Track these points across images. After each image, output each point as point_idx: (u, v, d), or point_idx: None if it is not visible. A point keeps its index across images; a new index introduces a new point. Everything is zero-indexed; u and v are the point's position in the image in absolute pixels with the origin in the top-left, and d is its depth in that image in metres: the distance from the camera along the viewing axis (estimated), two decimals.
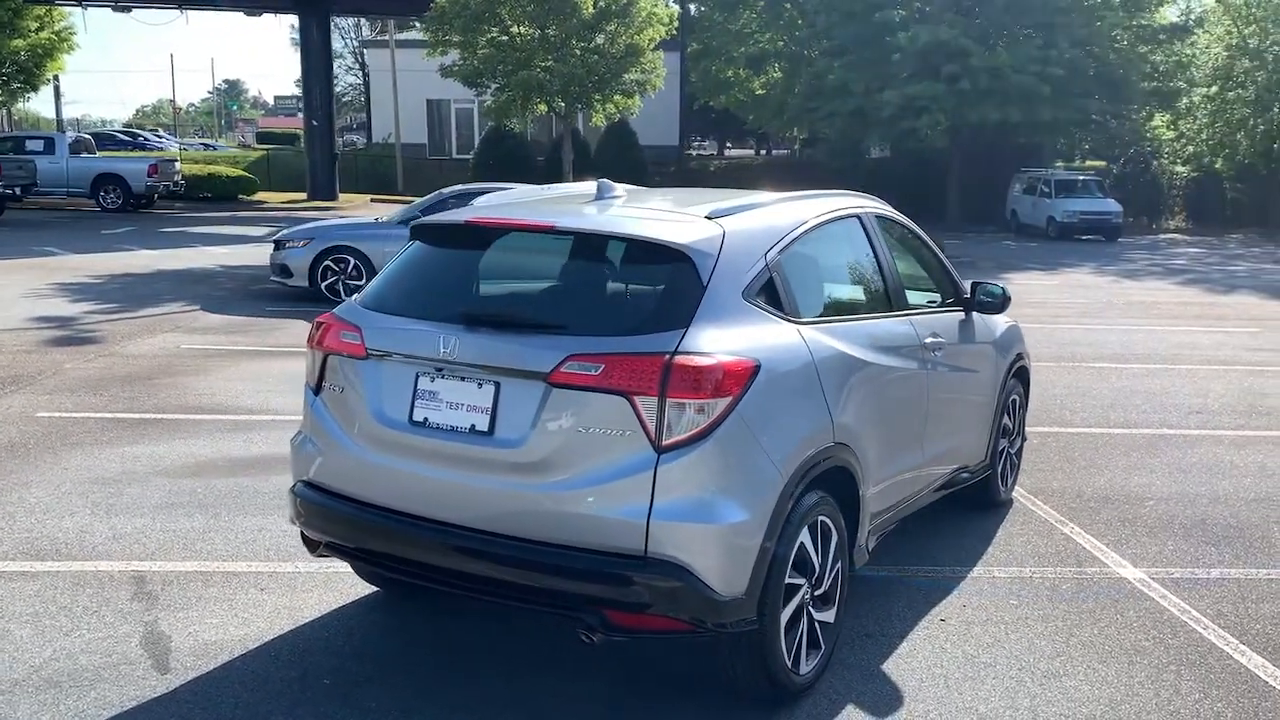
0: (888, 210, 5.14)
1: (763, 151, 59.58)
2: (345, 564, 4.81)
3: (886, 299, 4.71)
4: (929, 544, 5.46)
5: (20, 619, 4.34)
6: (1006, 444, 5.96)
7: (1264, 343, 12.69)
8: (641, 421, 3.30)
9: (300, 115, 46.51)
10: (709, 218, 3.83)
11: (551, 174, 28.65)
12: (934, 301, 5.32)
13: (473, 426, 3.54)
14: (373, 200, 33.70)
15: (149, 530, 5.40)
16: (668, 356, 3.32)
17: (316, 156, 34.43)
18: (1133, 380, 10.06)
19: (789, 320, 3.80)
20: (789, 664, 3.68)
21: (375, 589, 4.71)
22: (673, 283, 3.56)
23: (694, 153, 50.35)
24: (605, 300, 3.76)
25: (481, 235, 3.95)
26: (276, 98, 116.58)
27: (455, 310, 3.70)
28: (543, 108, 26.91)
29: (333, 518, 3.87)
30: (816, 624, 3.83)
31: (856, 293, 4.73)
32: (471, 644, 4.27)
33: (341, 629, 4.38)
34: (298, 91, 55.64)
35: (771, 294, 3.78)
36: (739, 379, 3.38)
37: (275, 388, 8.69)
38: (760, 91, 39.33)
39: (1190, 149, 37.09)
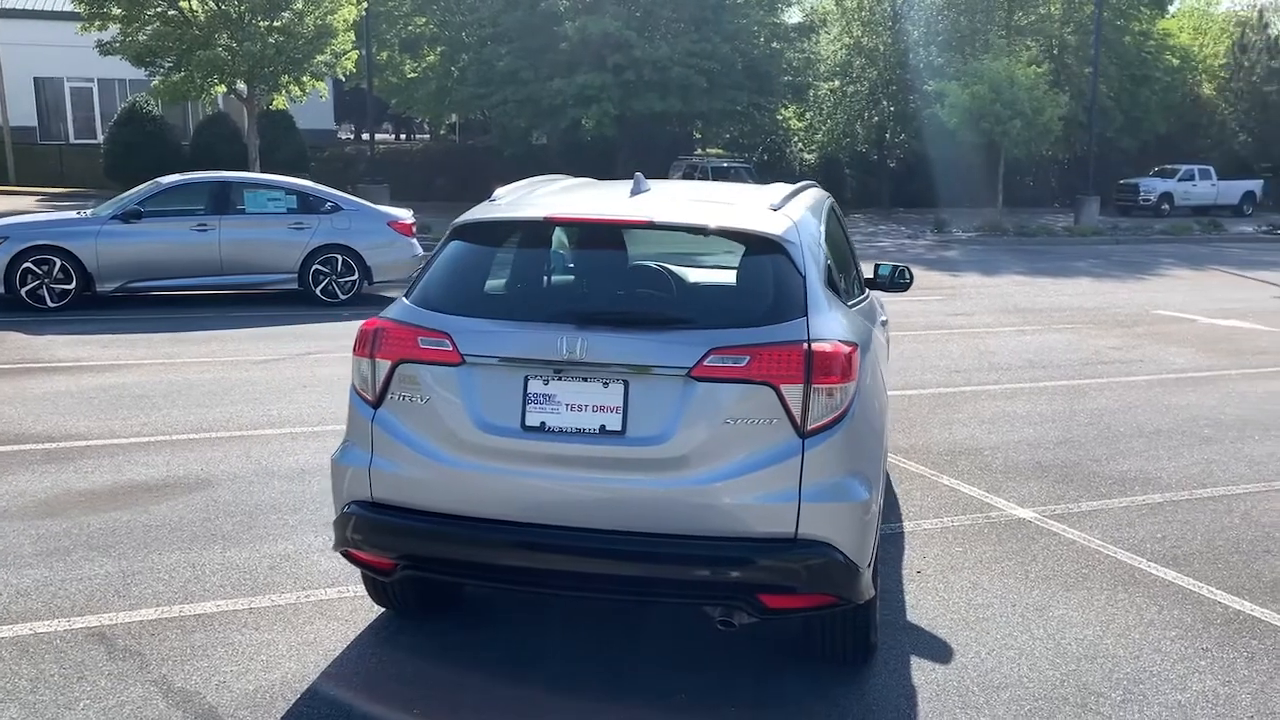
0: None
1: (402, 136, 58.39)
2: (325, 591, 4.54)
3: (859, 281, 5.08)
4: None
5: None
6: None
7: (958, 308, 14.55)
8: (787, 409, 3.42)
9: None
10: (773, 209, 3.98)
11: (199, 161, 26.42)
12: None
13: (602, 427, 3.48)
14: None
15: (56, 582, 4.68)
16: (806, 345, 3.46)
17: None
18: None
19: (843, 304, 4.05)
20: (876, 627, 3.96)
21: (380, 611, 4.43)
22: (777, 273, 3.68)
23: (347, 138, 48.57)
24: (721, 293, 3.80)
25: (557, 232, 3.83)
26: None
27: (568, 310, 3.60)
28: (221, 89, 24.86)
29: (418, 534, 3.63)
30: None
31: (850, 276, 5.05)
32: (507, 654, 4.15)
33: (378, 658, 4.09)
34: None
35: (831, 280, 4.00)
36: (855, 362, 3.59)
37: (57, 408, 7.64)
38: (412, 75, 38.62)
39: (818, 138, 41.07)
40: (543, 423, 3.51)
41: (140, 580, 4.71)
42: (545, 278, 3.93)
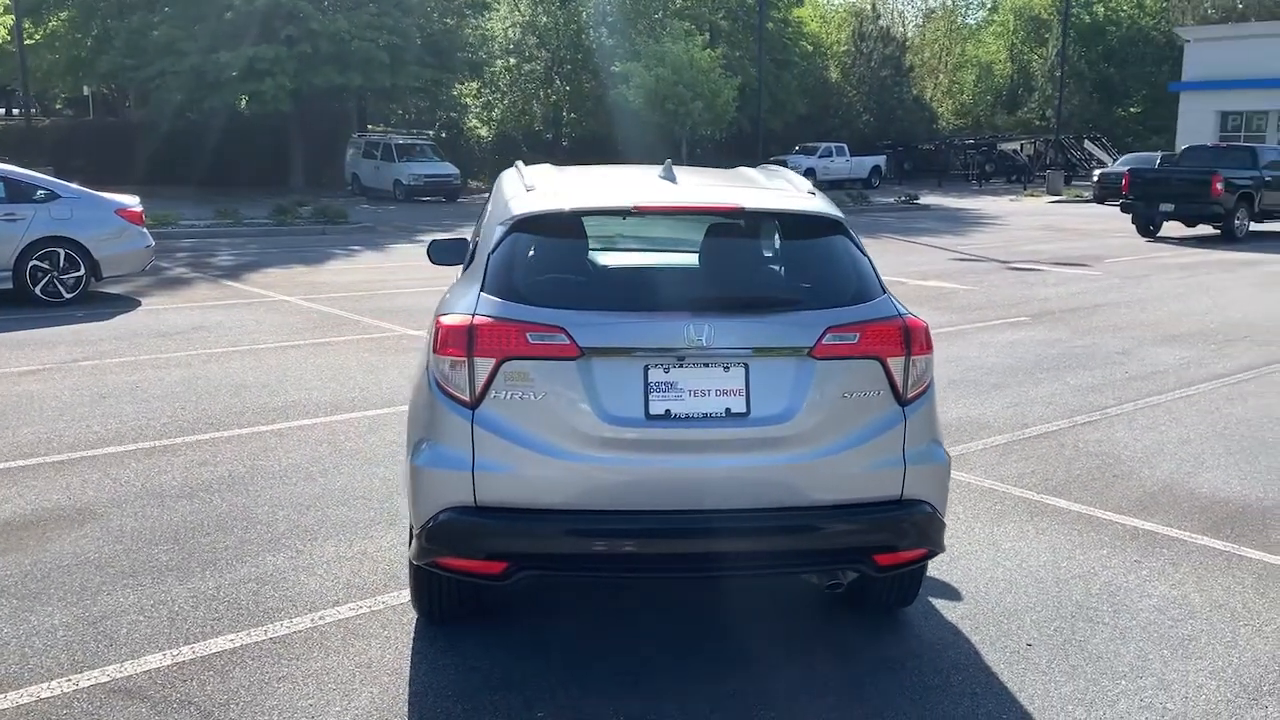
0: None
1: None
2: (338, 610, 4.34)
3: None
4: None
5: None
6: None
7: None
8: (891, 380, 3.69)
9: None
10: (811, 194, 4.20)
11: None
12: None
13: (728, 410, 3.56)
14: None
15: (21, 639, 4.02)
16: (900, 320, 3.74)
17: None
18: None
19: None
20: None
21: (409, 622, 4.22)
22: (849, 254, 3.91)
23: None
24: (806, 274, 3.94)
25: (637, 221, 3.81)
26: None
27: (680, 297, 3.62)
28: None
29: (537, 534, 3.54)
30: None
31: None
32: (585, 648, 4.14)
33: (457, 668, 3.91)
34: None
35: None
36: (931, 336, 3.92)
37: None
38: (31, 41, 34.35)
39: (494, 115, 41.21)
40: (667, 410, 3.54)
41: (113, 626, 4.16)
42: (638, 266, 3.90)
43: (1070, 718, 3.64)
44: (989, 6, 66.32)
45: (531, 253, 3.82)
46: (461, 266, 5.30)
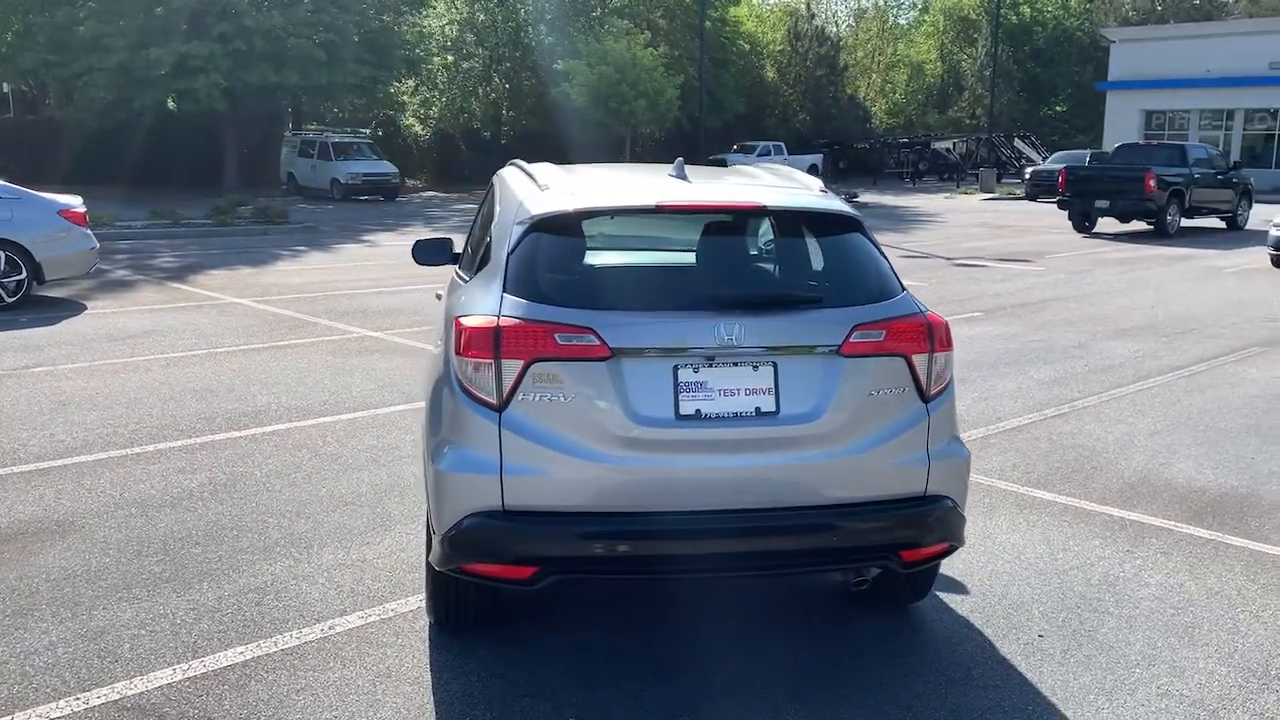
0: None
1: None
2: (347, 619, 4.26)
3: None
4: None
5: None
6: None
7: None
8: (915, 378, 3.71)
9: None
10: (823, 192, 4.21)
11: None
12: None
13: (757, 409, 3.55)
14: None
15: (19, 657, 3.87)
16: (923, 317, 3.76)
17: None
18: None
19: None
20: None
21: (421, 629, 4.15)
22: (867, 252, 3.92)
23: None
24: (834, 271, 3.92)
25: (650, 220, 3.78)
26: None
27: (706, 296, 3.60)
28: None
29: (566, 537, 3.49)
30: None
31: None
32: (595, 646, 4.11)
33: (479, 675, 3.85)
34: None
35: None
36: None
37: None
38: None
39: (432, 113, 40.76)
40: (698, 410, 3.52)
41: (114, 641, 4.02)
42: (661, 265, 3.87)
43: (1094, 707, 3.70)
44: (919, 7, 67.41)
45: (553, 252, 3.77)
46: (457, 267, 5.23)
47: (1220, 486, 6.14)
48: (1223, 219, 24.69)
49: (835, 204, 4.05)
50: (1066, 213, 24.10)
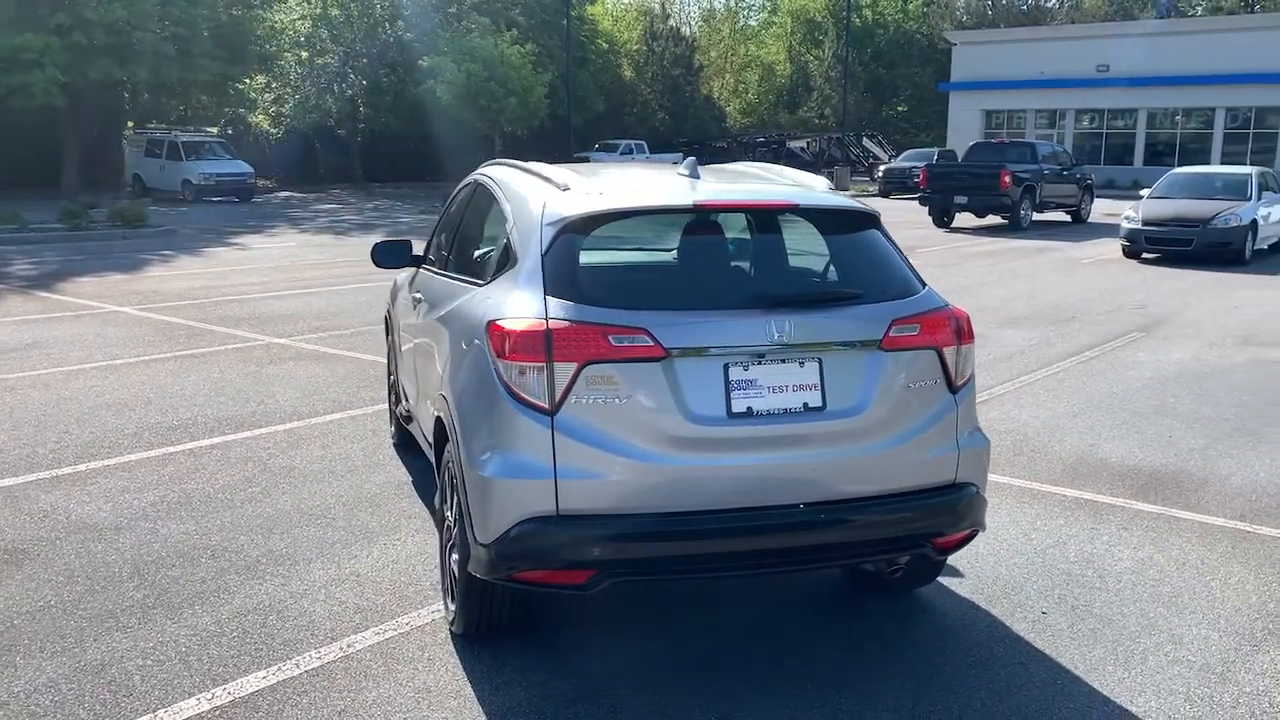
0: None
1: None
2: (362, 636, 4.15)
3: None
4: None
5: None
6: None
7: None
8: (945, 370, 3.82)
9: None
10: (833, 189, 4.28)
11: None
12: None
13: (805, 405, 3.59)
14: None
15: (20, 697, 3.57)
16: (950, 310, 3.87)
17: None
18: None
19: None
20: None
21: (443, 642, 4.04)
22: (890, 248, 4.01)
23: None
24: (863, 267, 3.97)
25: (694, 218, 3.76)
26: None
27: (754, 294, 3.61)
28: None
29: (624, 539, 3.45)
30: None
31: None
32: (627, 648, 4.08)
33: (522, 686, 3.77)
34: None
35: None
36: None
37: None
38: None
39: (284, 111, 39.36)
40: (749, 408, 3.54)
41: (120, 674, 3.76)
42: (703, 264, 3.84)
43: (1114, 678, 3.89)
44: (769, 9, 68.99)
45: (589, 253, 3.72)
46: (438, 270, 5.08)
47: (1152, 464, 6.53)
48: (1068, 213, 26.17)
49: (855, 202, 4.13)
50: (927, 208, 25.11)
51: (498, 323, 3.60)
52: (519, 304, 3.62)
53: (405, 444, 6.51)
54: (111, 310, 11.95)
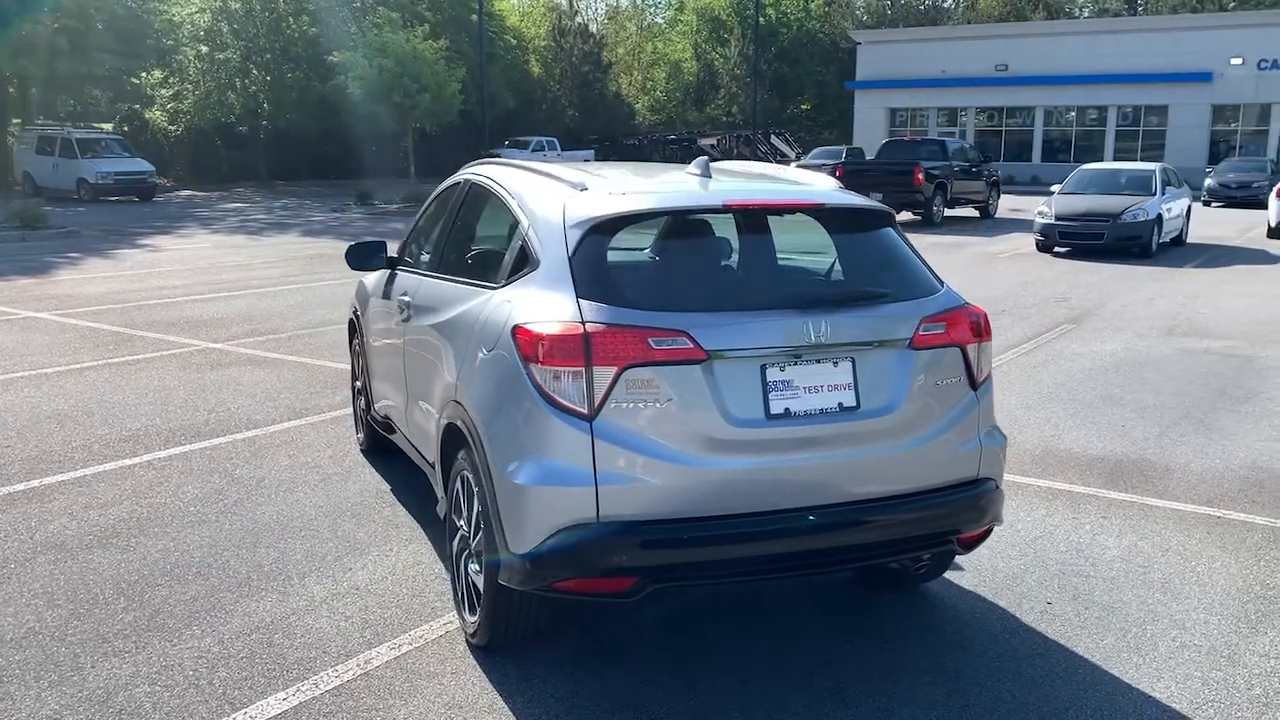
0: None
1: None
2: (379, 652, 4.04)
3: None
4: None
5: None
6: None
7: None
8: (968, 367, 3.85)
9: None
10: (841, 188, 4.28)
11: None
12: None
13: (840, 405, 3.57)
14: None
15: None
16: (971, 309, 3.91)
17: None
18: None
19: None
20: None
21: (460, 653, 3.93)
22: (907, 248, 4.02)
23: None
24: (885, 266, 3.96)
25: (719, 218, 3.71)
26: None
27: (788, 295, 3.57)
28: None
29: (669, 545, 3.39)
30: None
31: None
32: (656, 655, 4.03)
33: (550, 694, 3.68)
34: None
35: None
36: None
37: None
38: None
39: (184, 107, 38.08)
40: (786, 409, 3.51)
41: (129, 701, 3.56)
42: (732, 264, 3.79)
43: (1131, 664, 3.98)
44: (675, 6, 69.27)
45: (618, 254, 3.65)
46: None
47: (1114, 453, 6.72)
48: (976, 208, 26.87)
49: (874, 202, 4.14)
50: None
51: (526, 326, 3.50)
52: (548, 307, 3.53)
53: (375, 450, 6.34)
54: (29, 316, 11.39)
